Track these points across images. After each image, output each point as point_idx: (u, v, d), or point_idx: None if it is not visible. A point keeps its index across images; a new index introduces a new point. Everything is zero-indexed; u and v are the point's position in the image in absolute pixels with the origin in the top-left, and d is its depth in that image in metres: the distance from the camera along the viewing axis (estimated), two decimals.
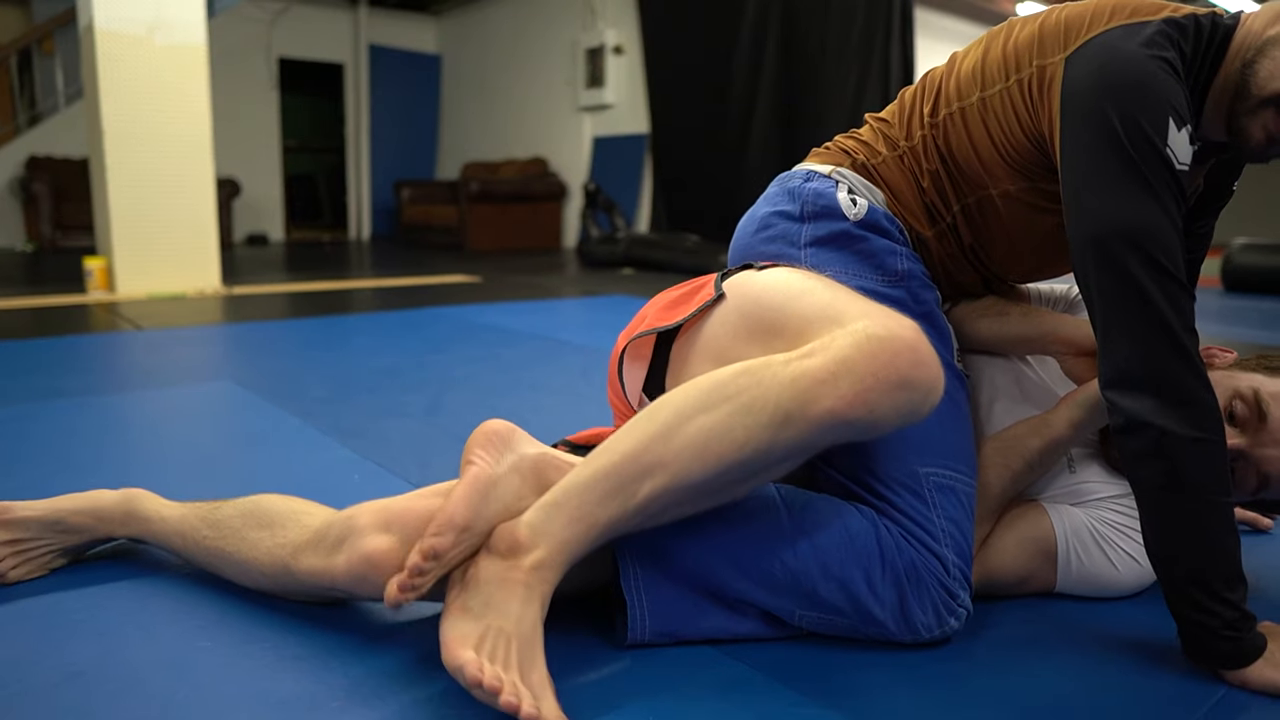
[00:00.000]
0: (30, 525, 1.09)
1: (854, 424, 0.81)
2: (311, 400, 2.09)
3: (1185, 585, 0.89)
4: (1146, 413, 0.87)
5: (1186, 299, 0.89)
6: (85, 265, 4.09)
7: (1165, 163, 0.88)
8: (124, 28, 3.97)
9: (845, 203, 1.08)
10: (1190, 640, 0.92)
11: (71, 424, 1.85)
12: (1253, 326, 3.73)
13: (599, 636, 0.99)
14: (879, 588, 0.93)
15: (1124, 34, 0.92)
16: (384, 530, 0.90)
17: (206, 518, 1.06)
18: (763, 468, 0.85)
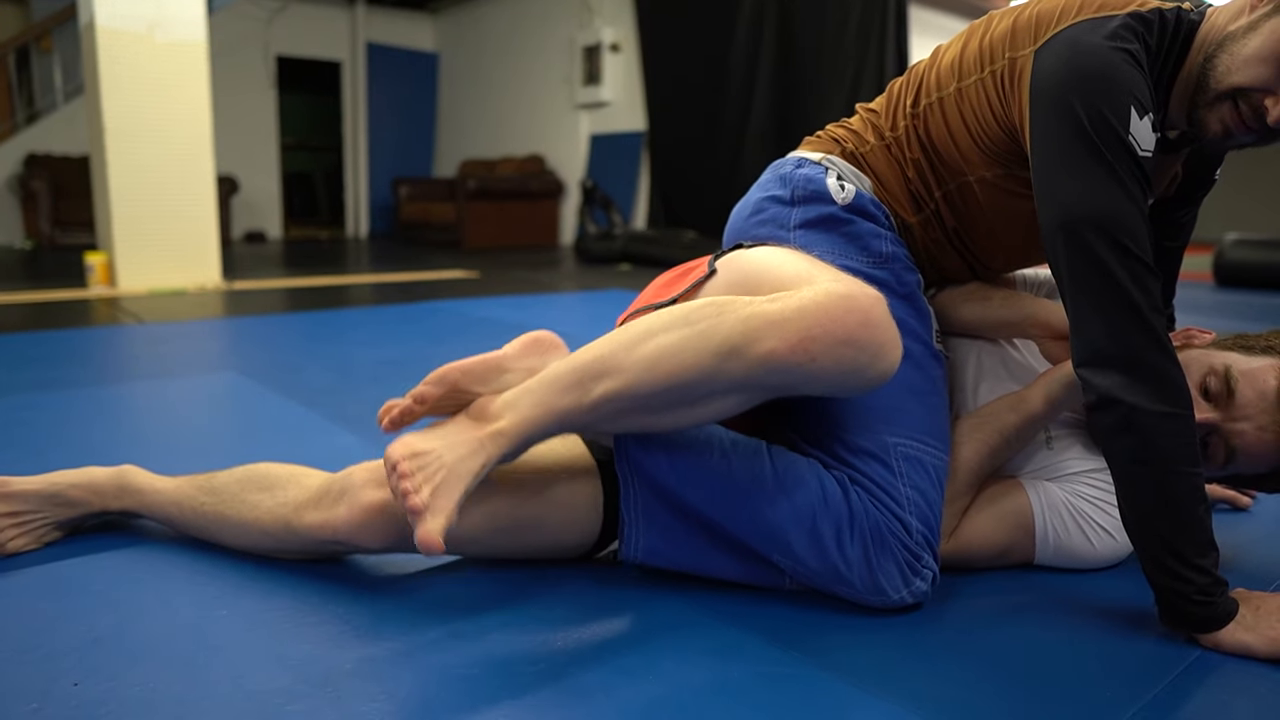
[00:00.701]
0: (29, 498, 1.13)
1: (792, 369, 0.86)
2: (315, 390, 2.13)
3: (1159, 553, 0.93)
4: (1116, 389, 0.91)
5: (1153, 279, 0.92)
6: (86, 260, 4.12)
7: (1128, 150, 0.92)
8: (125, 25, 4.00)
9: (834, 188, 1.13)
10: (1165, 607, 0.96)
11: (80, 412, 1.88)
12: (1244, 321, 3.77)
13: (600, 602, 1.03)
14: (847, 547, 0.98)
15: (1089, 27, 0.96)
16: (379, 486, 1.00)
17: (203, 486, 1.12)
18: (706, 394, 0.91)
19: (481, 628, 0.98)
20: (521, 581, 1.09)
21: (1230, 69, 0.95)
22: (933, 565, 1.01)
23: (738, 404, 0.93)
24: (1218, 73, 0.96)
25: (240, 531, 1.09)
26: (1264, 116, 0.94)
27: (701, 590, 1.07)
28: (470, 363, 1.03)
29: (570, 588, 1.08)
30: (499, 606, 1.03)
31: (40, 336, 2.82)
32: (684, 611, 1.03)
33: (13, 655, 0.89)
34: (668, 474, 1.00)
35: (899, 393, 1.03)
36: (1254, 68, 0.93)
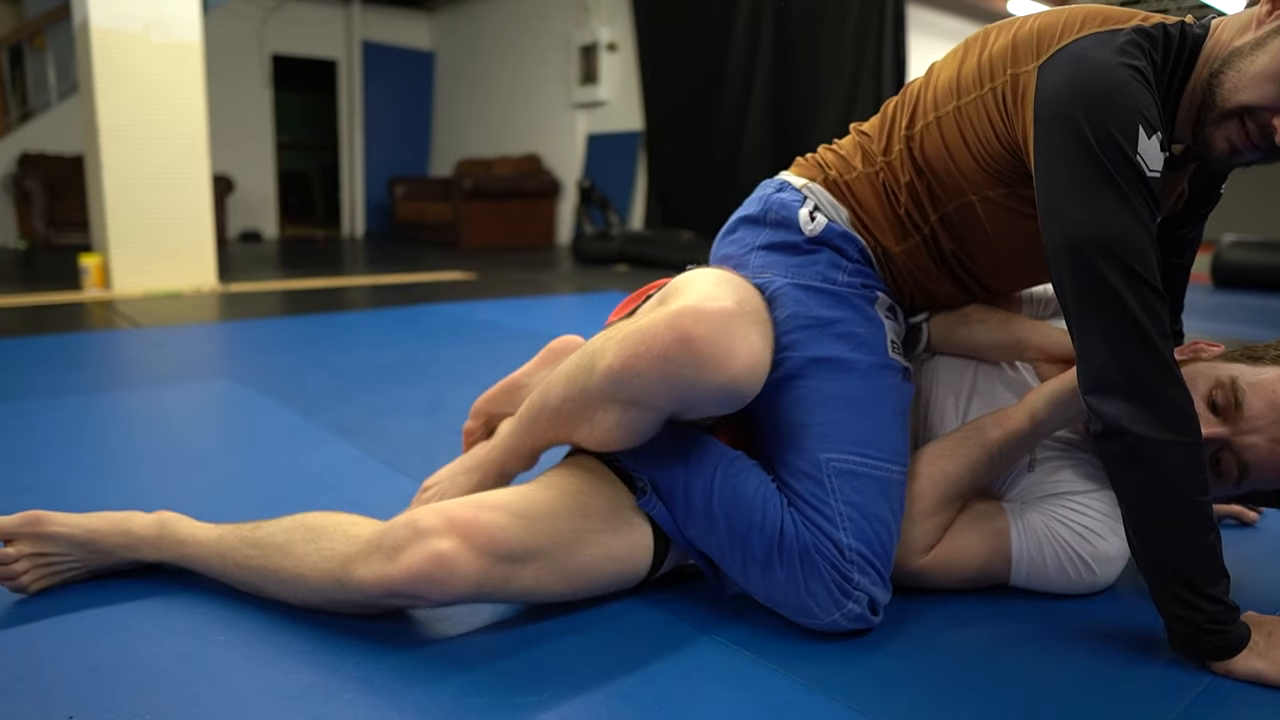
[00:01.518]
0: (61, 541, 1.06)
1: (622, 383, 0.92)
2: (312, 398, 2.11)
3: (1168, 582, 0.92)
4: (1123, 418, 0.89)
5: (1160, 304, 0.90)
6: (81, 262, 4.09)
7: (1136, 170, 0.89)
8: (120, 25, 3.97)
9: (804, 218, 1.13)
10: (1176, 635, 0.94)
11: (77, 422, 1.86)
12: (1242, 323, 3.77)
13: (603, 623, 1.02)
14: (776, 568, 0.97)
15: (1095, 42, 0.94)
16: (451, 534, 0.92)
17: (246, 538, 1.04)
18: (596, 405, 0.98)
19: (482, 652, 0.97)
20: (522, 605, 1.08)
21: (1237, 86, 0.93)
22: (870, 588, 0.97)
23: (629, 417, 0.96)
24: (1224, 90, 0.94)
25: (287, 588, 1.01)
26: (1271, 135, 0.92)
27: (709, 612, 1.06)
28: (493, 391, 1.28)
29: (574, 610, 1.07)
30: (499, 630, 1.02)
31: (35, 342, 2.80)
32: (691, 635, 1.01)
33: (6, 685, 0.88)
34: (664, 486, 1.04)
35: (836, 407, 1.02)
36: (1261, 86, 0.92)
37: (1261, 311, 4.28)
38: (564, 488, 1.03)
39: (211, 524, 1.10)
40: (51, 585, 1.08)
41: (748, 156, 6.34)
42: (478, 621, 1.04)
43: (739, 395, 0.92)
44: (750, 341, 0.91)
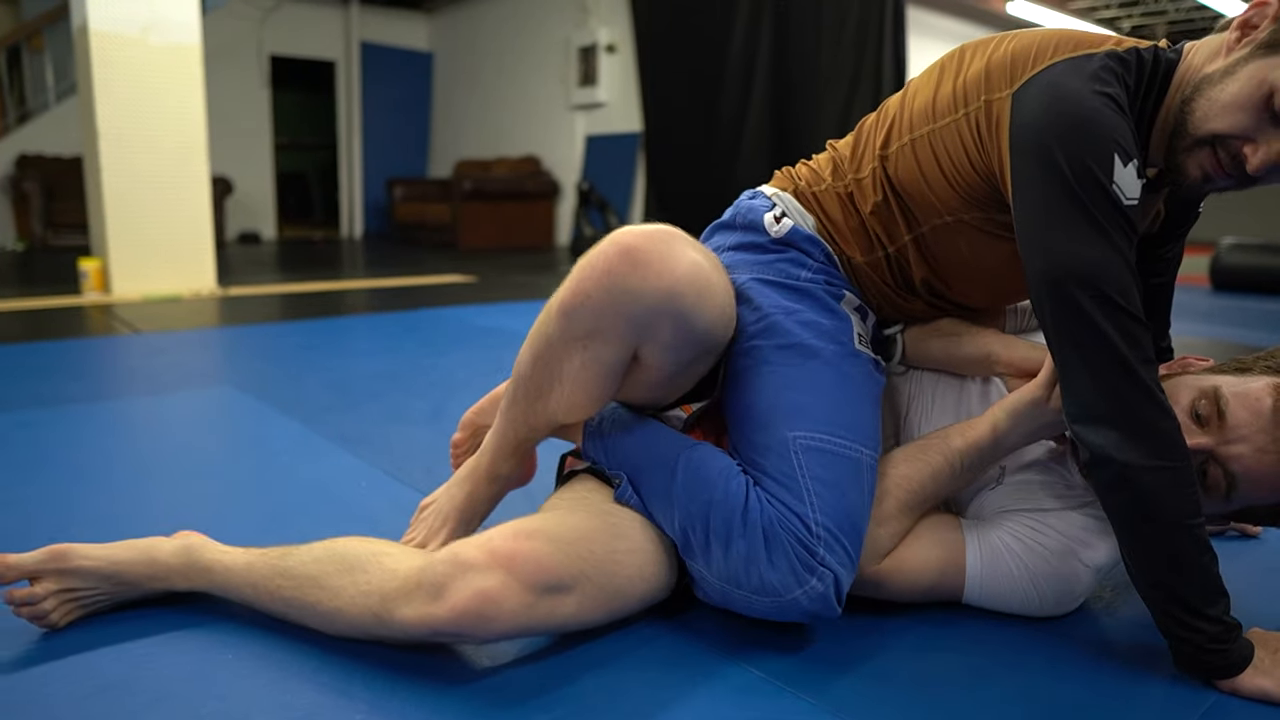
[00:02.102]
0: (88, 575, 1.03)
1: (575, 313, 0.95)
2: (314, 406, 2.11)
3: (1167, 605, 0.93)
4: (1110, 447, 0.90)
5: (1142, 331, 0.90)
6: (80, 266, 4.08)
7: (1112, 201, 0.89)
8: (118, 28, 3.97)
9: (769, 221, 1.15)
10: (1179, 654, 0.95)
11: (79, 431, 1.86)
12: (1240, 326, 3.78)
13: (609, 641, 1.02)
14: (737, 542, 0.96)
15: (1068, 69, 0.94)
16: (495, 568, 0.90)
17: (277, 566, 1.01)
18: (550, 360, 1.01)
19: (489, 667, 0.97)
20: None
21: (1208, 115, 0.93)
22: (835, 566, 0.95)
23: (591, 356, 0.98)
24: (1195, 118, 0.94)
25: (325, 621, 0.98)
26: (1243, 164, 0.93)
27: (712, 627, 1.06)
28: (481, 403, 1.31)
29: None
30: (512, 652, 1.02)
31: (34, 348, 2.80)
32: (697, 653, 1.02)
33: (11, 708, 0.88)
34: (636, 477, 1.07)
35: (803, 389, 1.03)
36: (1231, 114, 0.92)
37: (1260, 314, 4.29)
38: (589, 508, 1.03)
39: (238, 549, 1.07)
40: (79, 619, 1.05)
41: (747, 159, 6.34)
42: (490, 645, 1.04)
43: (686, 309, 0.93)
44: (691, 256, 0.94)
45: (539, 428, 1.11)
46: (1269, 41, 0.90)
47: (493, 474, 1.18)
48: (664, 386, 1.06)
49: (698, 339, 0.97)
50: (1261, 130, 0.91)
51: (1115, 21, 9.42)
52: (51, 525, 1.35)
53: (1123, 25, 9.50)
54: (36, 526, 1.34)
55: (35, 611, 1.01)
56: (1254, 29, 0.93)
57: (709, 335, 0.98)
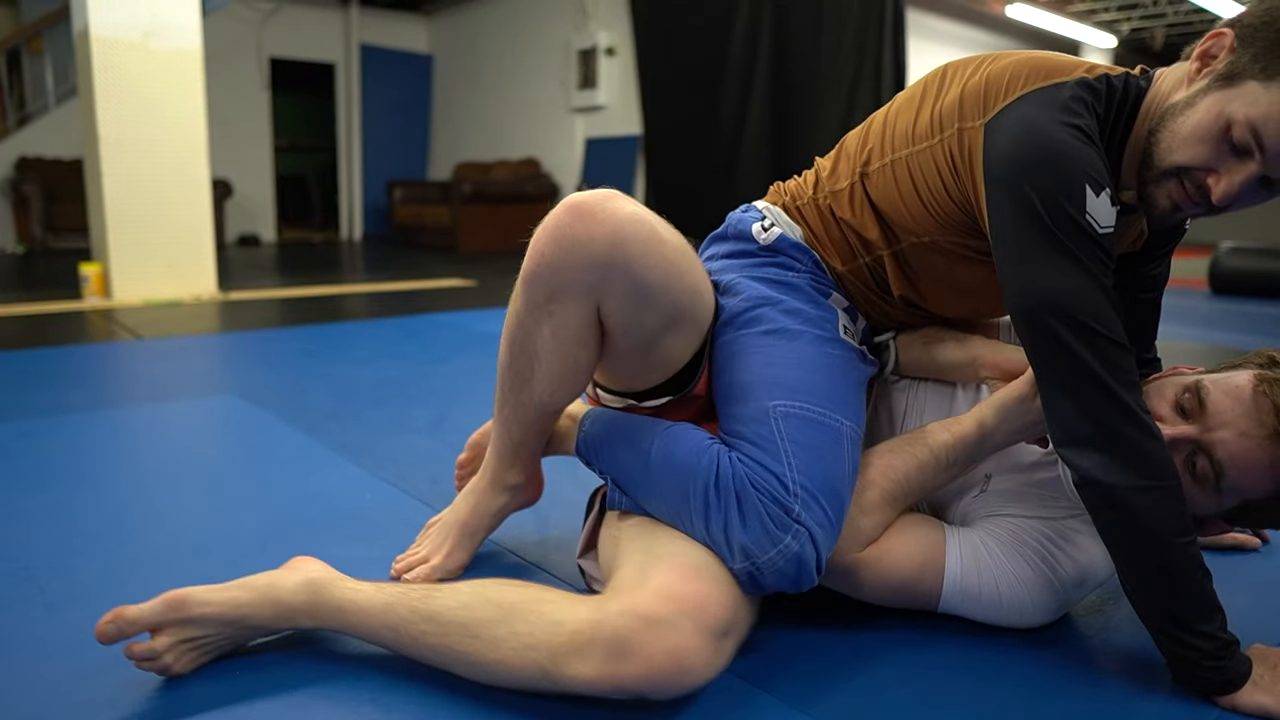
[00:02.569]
0: (208, 623, 0.98)
1: (536, 276, 0.99)
2: (317, 415, 2.12)
3: (1162, 623, 0.94)
4: (1096, 470, 0.92)
5: (1122, 354, 0.92)
6: (81, 271, 4.09)
7: (1085, 232, 0.91)
8: (119, 33, 3.97)
9: (757, 230, 1.18)
10: (1176, 670, 0.96)
11: (84, 440, 1.87)
12: (1239, 331, 3.79)
13: None
14: (713, 508, 0.96)
15: (1039, 100, 0.95)
16: (683, 617, 0.85)
17: (420, 610, 0.95)
18: (524, 340, 1.05)
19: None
20: None
21: (1171, 147, 0.95)
22: (812, 525, 0.94)
23: (558, 321, 1.01)
24: (1160, 149, 0.96)
25: (483, 672, 0.91)
26: (1208, 194, 0.94)
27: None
28: (486, 425, 1.36)
29: None
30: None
31: (36, 354, 2.80)
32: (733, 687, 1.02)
33: None
34: (611, 466, 1.10)
35: (785, 365, 1.04)
36: (1192, 147, 0.93)
37: (1258, 318, 4.30)
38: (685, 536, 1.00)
39: (368, 584, 1.00)
40: (200, 664, 0.99)
41: (746, 162, 6.35)
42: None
43: (634, 254, 0.94)
44: (633, 207, 0.96)
45: (532, 421, 1.13)
46: (1226, 73, 0.92)
47: (497, 483, 1.21)
48: (638, 360, 1.05)
49: (653, 293, 0.97)
50: (1223, 161, 0.92)
51: (1114, 24, 9.44)
52: (55, 538, 1.35)
53: (1121, 28, 9.52)
54: (40, 539, 1.35)
55: (156, 666, 0.96)
56: (1212, 59, 0.94)
57: (665, 291, 0.97)
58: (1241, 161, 0.91)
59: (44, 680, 0.97)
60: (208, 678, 0.98)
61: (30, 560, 1.27)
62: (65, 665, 0.99)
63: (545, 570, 1.29)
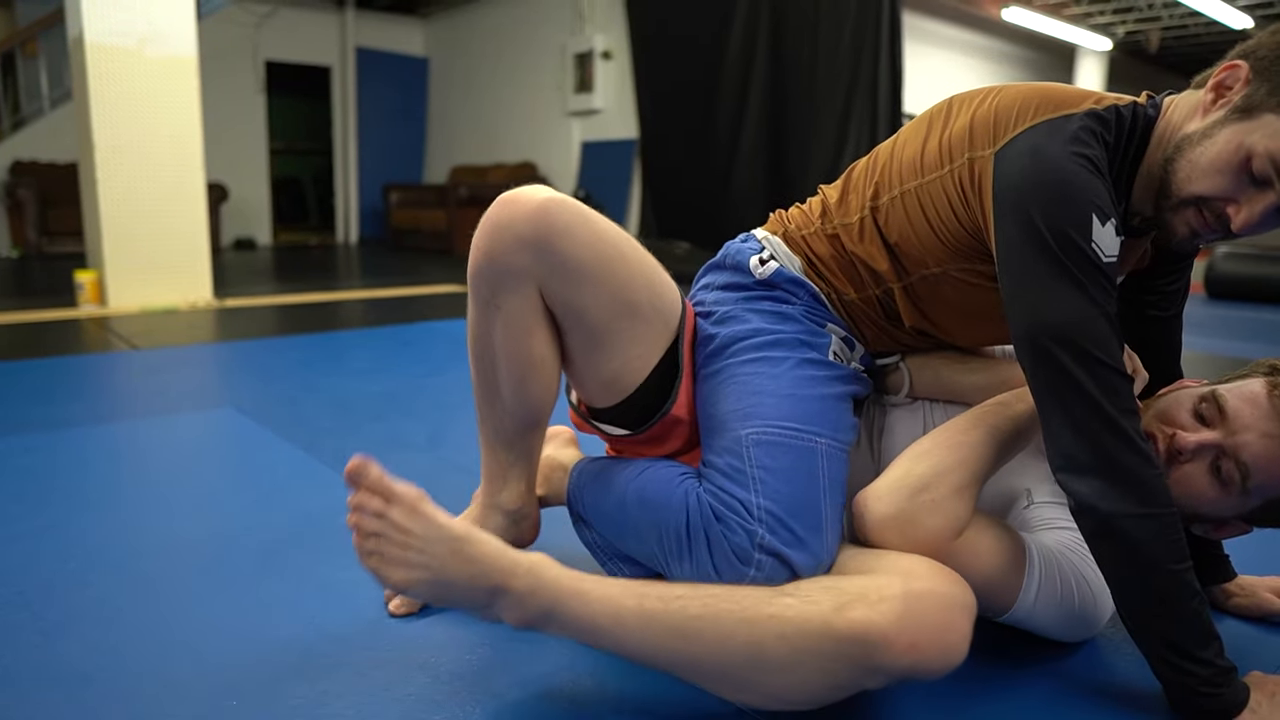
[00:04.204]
0: (432, 532, 0.93)
1: (476, 269, 1.03)
2: (314, 429, 2.11)
3: (1159, 649, 0.94)
4: (1093, 496, 0.92)
5: (1121, 382, 0.92)
6: (76, 279, 4.08)
7: (1090, 260, 0.92)
8: (114, 41, 3.96)
9: (754, 264, 1.18)
10: (1174, 698, 0.96)
11: (79, 457, 1.86)
12: (1237, 338, 3.80)
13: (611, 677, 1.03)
14: (687, 545, 0.99)
15: (1048, 131, 0.96)
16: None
17: (645, 593, 0.93)
18: (483, 345, 1.08)
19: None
20: (546, 656, 1.08)
21: (1190, 177, 0.96)
22: (779, 546, 0.94)
23: (506, 314, 1.04)
24: (1178, 179, 0.97)
25: (723, 647, 0.87)
26: (1227, 222, 0.96)
27: None
28: None
29: (585, 667, 1.07)
30: (518, 687, 1.02)
31: (32, 365, 2.79)
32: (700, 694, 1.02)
33: None
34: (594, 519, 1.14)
35: (764, 394, 1.05)
36: (1211, 178, 0.95)
37: (1255, 324, 4.31)
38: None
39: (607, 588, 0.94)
40: (393, 578, 0.93)
41: (743, 166, 6.34)
42: (497, 674, 1.04)
43: (560, 229, 0.98)
44: (555, 192, 1.00)
45: (513, 438, 1.16)
46: (1243, 106, 0.94)
47: (491, 504, 1.21)
48: (598, 361, 1.05)
49: (587, 270, 0.99)
50: (1243, 191, 0.94)
51: (1110, 28, 9.45)
52: (50, 561, 1.35)
53: (1117, 31, 9.53)
54: (34, 562, 1.34)
55: (371, 546, 0.93)
56: (1228, 90, 0.96)
57: (601, 269, 0.99)
58: (1261, 192, 0.93)
59: (40, 712, 0.96)
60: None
61: (25, 584, 1.27)
62: (61, 694, 0.99)
63: None
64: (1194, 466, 1.04)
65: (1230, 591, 1.26)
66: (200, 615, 1.19)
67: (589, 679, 1.06)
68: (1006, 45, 9.97)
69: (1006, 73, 10.14)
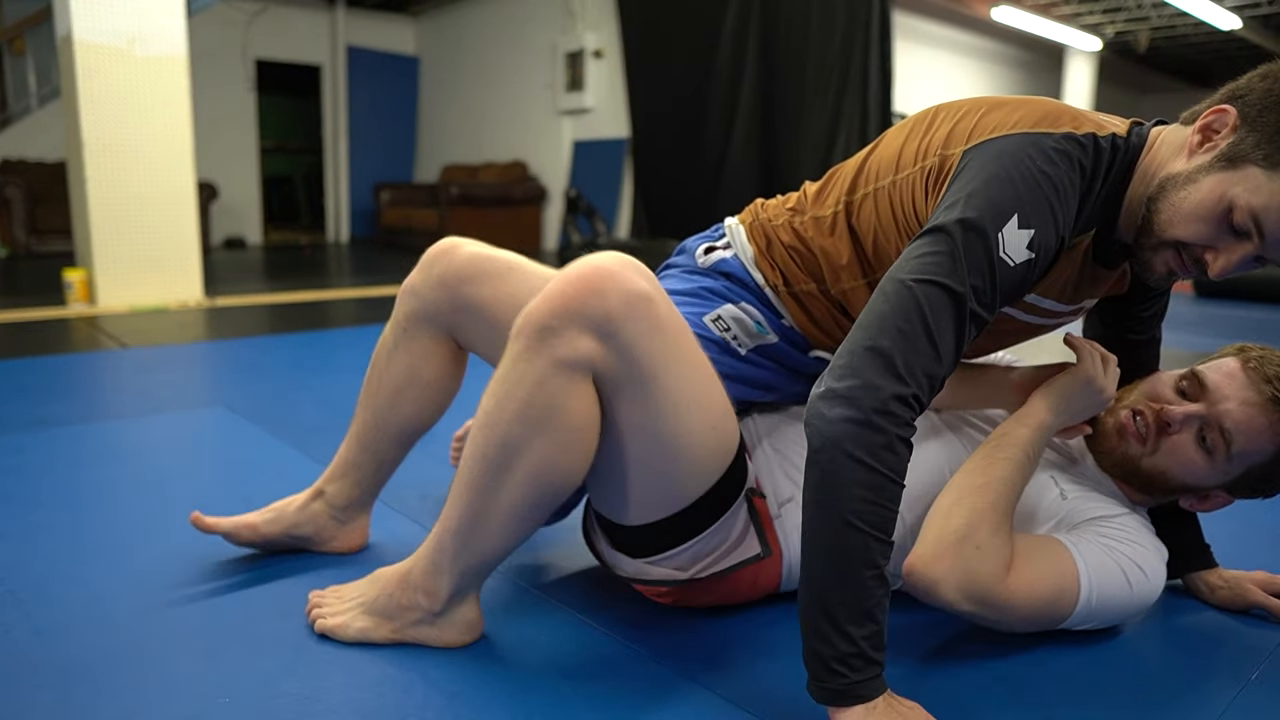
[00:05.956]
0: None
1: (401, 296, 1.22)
2: (305, 428, 2.11)
3: (812, 606, 0.87)
4: (836, 422, 0.85)
5: (931, 359, 0.88)
6: (65, 278, 4.06)
7: (984, 248, 0.90)
8: (104, 39, 3.94)
9: (699, 253, 1.26)
10: (807, 668, 0.89)
11: (70, 456, 1.85)
12: (1227, 337, 3.82)
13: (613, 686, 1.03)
14: None
15: (1020, 142, 0.97)
16: None
17: None
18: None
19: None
20: (548, 668, 1.09)
21: (1172, 221, 0.97)
22: None
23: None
24: (1160, 220, 0.98)
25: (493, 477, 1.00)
26: (1205, 268, 0.97)
27: (716, 675, 1.07)
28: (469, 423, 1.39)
29: (588, 673, 1.08)
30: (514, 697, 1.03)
31: (21, 364, 2.78)
32: (659, 673, 1.03)
33: None
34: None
35: None
36: (1193, 225, 0.95)
37: (1242, 322, 4.34)
38: None
39: None
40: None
41: (734, 165, 6.36)
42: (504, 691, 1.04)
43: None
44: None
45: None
46: (1229, 154, 0.94)
47: (319, 487, 1.39)
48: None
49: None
50: (1222, 239, 0.95)
51: (1099, 28, 9.49)
52: (41, 560, 1.34)
53: (1106, 31, 9.57)
54: (25, 561, 1.34)
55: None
56: (1215, 134, 0.96)
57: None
58: (1240, 242, 0.94)
59: (37, 710, 0.96)
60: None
61: (15, 583, 1.26)
62: (54, 693, 0.99)
63: (552, 599, 1.29)
64: (1182, 437, 1.11)
65: (1214, 584, 1.27)
66: (192, 613, 1.19)
67: (590, 679, 1.06)
68: (996, 44, 10.00)
69: (996, 72, 10.18)
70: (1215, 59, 11.14)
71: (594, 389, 0.96)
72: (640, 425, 0.97)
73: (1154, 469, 1.15)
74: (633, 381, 0.94)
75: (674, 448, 0.99)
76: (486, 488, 0.99)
